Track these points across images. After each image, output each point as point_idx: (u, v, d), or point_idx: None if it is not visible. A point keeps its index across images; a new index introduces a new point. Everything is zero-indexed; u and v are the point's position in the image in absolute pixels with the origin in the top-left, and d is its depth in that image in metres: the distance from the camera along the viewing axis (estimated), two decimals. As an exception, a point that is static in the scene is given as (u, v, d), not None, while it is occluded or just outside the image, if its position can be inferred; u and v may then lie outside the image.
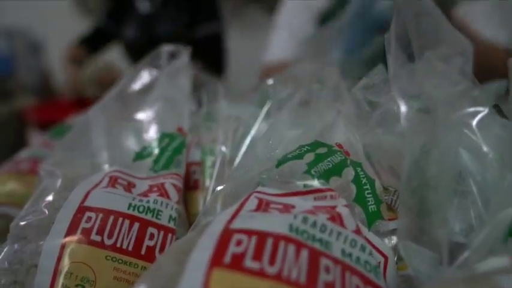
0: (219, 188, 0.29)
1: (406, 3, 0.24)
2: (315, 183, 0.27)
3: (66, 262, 0.28)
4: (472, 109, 0.24)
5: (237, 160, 0.37)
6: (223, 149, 0.38)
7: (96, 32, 1.83)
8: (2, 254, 0.30)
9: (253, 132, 0.39)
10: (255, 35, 2.69)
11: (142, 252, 0.30)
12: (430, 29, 0.24)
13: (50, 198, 0.33)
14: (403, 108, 0.24)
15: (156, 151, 0.38)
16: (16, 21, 4.98)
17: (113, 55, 1.70)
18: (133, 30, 1.70)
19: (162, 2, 1.65)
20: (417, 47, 0.24)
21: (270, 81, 0.42)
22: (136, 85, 0.46)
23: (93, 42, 1.78)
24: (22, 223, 0.32)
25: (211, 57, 1.64)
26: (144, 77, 0.47)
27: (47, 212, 0.32)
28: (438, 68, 0.24)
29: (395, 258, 0.27)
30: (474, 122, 0.24)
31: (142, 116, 0.42)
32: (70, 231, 0.30)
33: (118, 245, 0.30)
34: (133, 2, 1.71)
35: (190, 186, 0.40)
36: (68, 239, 0.29)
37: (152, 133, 0.40)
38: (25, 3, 5.03)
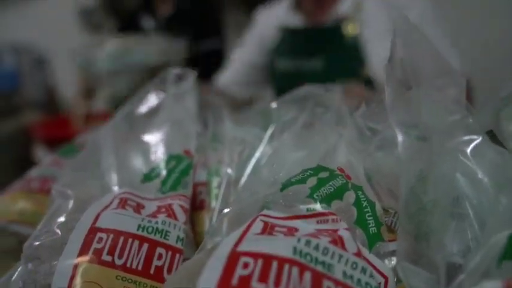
0: (226, 210, 0.31)
1: (401, 36, 0.26)
2: (318, 207, 0.28)
3: (78, 281, 0.30)
4: (466, 137, 0.25)
5: (242, 181, 0.39)
6: (229, 170, 0.40)
7: None
8: (16, 273, 0.32)
9: (257, 154, 0.40)
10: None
11: (151, 271, 0.32)
12: (424, 60, 0.25)
13: (62, 219, 0.34)
14: (400, 137, 0.25)
15: (164, 173, 0.39)
16: (22, 36, 5.04)
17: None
18: None
19: (166, 19, 1.68)
20: (412, 77, 0.26)
21: (274, 104, 0.43)
22: (144, 107, 0.48)
23: None
24: (36, 243, 0.33)
25: (213, 73, 1.67)
26: (152, 99, 0.48)
27: (59, 233, 0.33)
28: (434, 98, 0.25)
29: (395, 279, 0.28)
30: (469, 150, 0.25)
31: (150, 137, 0.44)
32: (82, 251, 0.31)
33: (128, 264, 0.31)
34: (138, 19, 1.75)
35: (196, 206, 0.41)
36: (80, 259, 0.30)
37: (160, 155, 0.41)
38: (31, 19, 5.09)
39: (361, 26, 1.02)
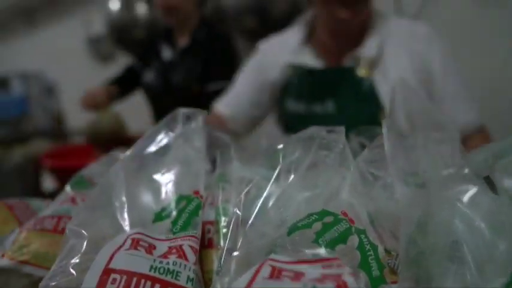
0: (235, 253, 0.32)
1: (401, 94, 0.28)
2: (323, 251, 0.30)
3: (94, 322, 0.31)
4: (463, 187, 0.27)
5: (250, 222, 0.40)
6: (237, 210, 0.41)
7: (128, 70, 1.92)
8: (33, 313, 0.33)
9: (264, 194, 0.42)
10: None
11: (163, 311, 0.33)
12: (423, 116, 0.27)
13: (77, 260, 0.36)
14: (399, 185, 0.26)
15: (174, 213, 0.41)
16: (31, 64, 5.14)
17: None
18: (153, 75, 1.77)
19: (181, 51, 1.73)
20: (410, 130, 0.27)
21: (280, 145, 0.45)
22: (154, 146, 0.50)
23: (124, 80, 1.87)
24: (52, 284, 0.34)
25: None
26: (162, 139, 0.50)
27: (74, 274, 0.34)
28: (431, 151, 0.27)
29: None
30: (466, 198, 0.27)
31: (160, 177, 0.45)
32: (97, 292, 0.32)
33: (141, 305, 0.32)
34: (159, 48, 1.79)
35: (205, 244, 0.42)
36: (95, 300, 0.32)
37: (170, 195, 0.43)
38: (40, 47, 5.19)
39: (380, 70, 1.00)
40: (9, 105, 4.46)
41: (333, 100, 1.03)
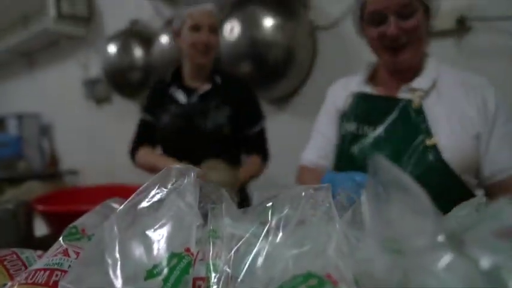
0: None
1: (379, 168, 0.30)
2: (307, 314, 0.31)
3: None
4: (439, 253, 0.28)
5: (239, 279, 0.41)
6: (226, 268, 0.42)
7: (143, 124, 1.92)
8: None
9: (254, 251, 0.43)
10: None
11: None
12: (398, 189, 0.29)
13: (69, 319, 0.37)
14: (377, 253, 0.28)
15: (166, 270, 0.42)
16: (27, 105, 5.19)
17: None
18: (169, 119, 1.78)
19: (203, 95, 1.76)
20: (388, 200, 0.29)
21: (269, 203, 0.47)
22: (148, 201, 0.51)
23: (147, 135, 1.89)
24: None
25: (264, 150, 1.76)
26: (155, 194, 0.52)
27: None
28: (407, 219, 0.28)
29: None
30: (442, 265, 0.28)
31: (153, 233, 0.47)
32: None
33: None
34: (171, 92, 1.82)
35: (195, 301, 0.43)
36: None
37: (162, 252, 0.44)
38: (37, 89, 5.25)
39: (432, 101, 1.11)
40: (3, 146, 4.47)
41: (384, 125, 1.14)
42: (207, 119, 1.73)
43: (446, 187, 1.03)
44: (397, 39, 1.06)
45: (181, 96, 1.81)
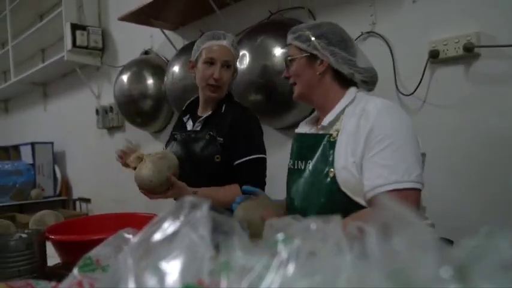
0: None
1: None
2: None
3: None
4: (444, 286, 0.29)
5: (251, 311, 0.42)
6: (239, 299, 0.43)
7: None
8: None
9: (266, 282, 0.44)
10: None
11: None
12: (403, 224, 0.30)
13: None
14: (383, 284, 0.29)
15: (179, 302, 0.43)
16: (41, 133, 5.28)
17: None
18: (175, 146, 1.84)
19: (202, 121, 1.81)
20: (393, 234, 0.30)
21: (281, 236, 0.48)
22: (161, 233, 0.52)
23: None
24: None
25: (249, 180, 1.76)
26: (168, 226, 0.53)
27: None
28: (414, 253, 0.29)
29: None
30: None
31: (166, 265, 0.48)
32: None
33: None
34: (185, 120, 1.90)
35: (208, 333, 0.44)
36: None
37: (175, 283, 0.45)
38: (51, 118, 5.36)
39: (340, 135, 1.29)
40: (17, 174, 4.53)
41: (309, 160, 1.36)
42: (200, 145, 1.77)
43: (346, 210, 1.13)
44: None
45: (189, 124, 1.86)
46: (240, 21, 2.84)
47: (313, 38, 1.36)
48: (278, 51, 2.34)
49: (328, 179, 1.25)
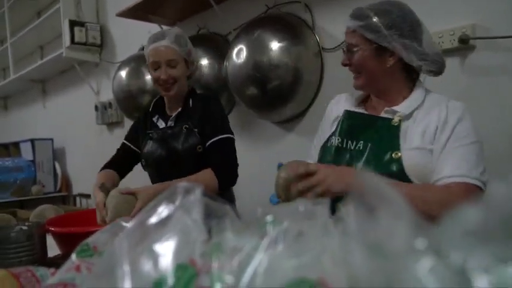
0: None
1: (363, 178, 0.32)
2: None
3: None
4: (423, 260, 0.30)
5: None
6: (229, 277, 0.45)
7: (121, 149, 2.03)
8: None
9: (255, 262, 0.46)
10: (262, 146, 2.84)
11: None
12: (381, 198, 0.32)
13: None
14: (362, 258, 0.30)
15: (171, 281, 0.44)
16: (40, 130, 5.29)
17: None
18: (151, 145, 1.88)
19: (174, 118, 1.86)
20: (371, 208, 0.32)
21: (270, 217, 0.49)
22: (156, 217, 0.54)
23: (118, 161, 1.98)
24: None
25: (218, 161, 1.79)
26: (163, 210, 0.55)
27: None
28: (391, 225, 0.31)
29: None
30: (426, 271, 0.31)
31: (159, 247, 0.49)
32: None
33: None
34: (153, 118, 1.93)
35: (200, 311, 0.45)
36: None
37: (168, 264, 0.47)
38: (50, 114, 5.36)
39: (408, 124, 1.31)
40: (17, 170, 4.55)
41: (365, 141, 1.34)
42: (180, 139, 1.80)
43: None
44: None
45: (160, 122, 1.91)
46: (238, 15, 2.85)
47: (383, 29, 1.27)
48: (275, 46, 2.35)
49: (393, 162, 1.26)
